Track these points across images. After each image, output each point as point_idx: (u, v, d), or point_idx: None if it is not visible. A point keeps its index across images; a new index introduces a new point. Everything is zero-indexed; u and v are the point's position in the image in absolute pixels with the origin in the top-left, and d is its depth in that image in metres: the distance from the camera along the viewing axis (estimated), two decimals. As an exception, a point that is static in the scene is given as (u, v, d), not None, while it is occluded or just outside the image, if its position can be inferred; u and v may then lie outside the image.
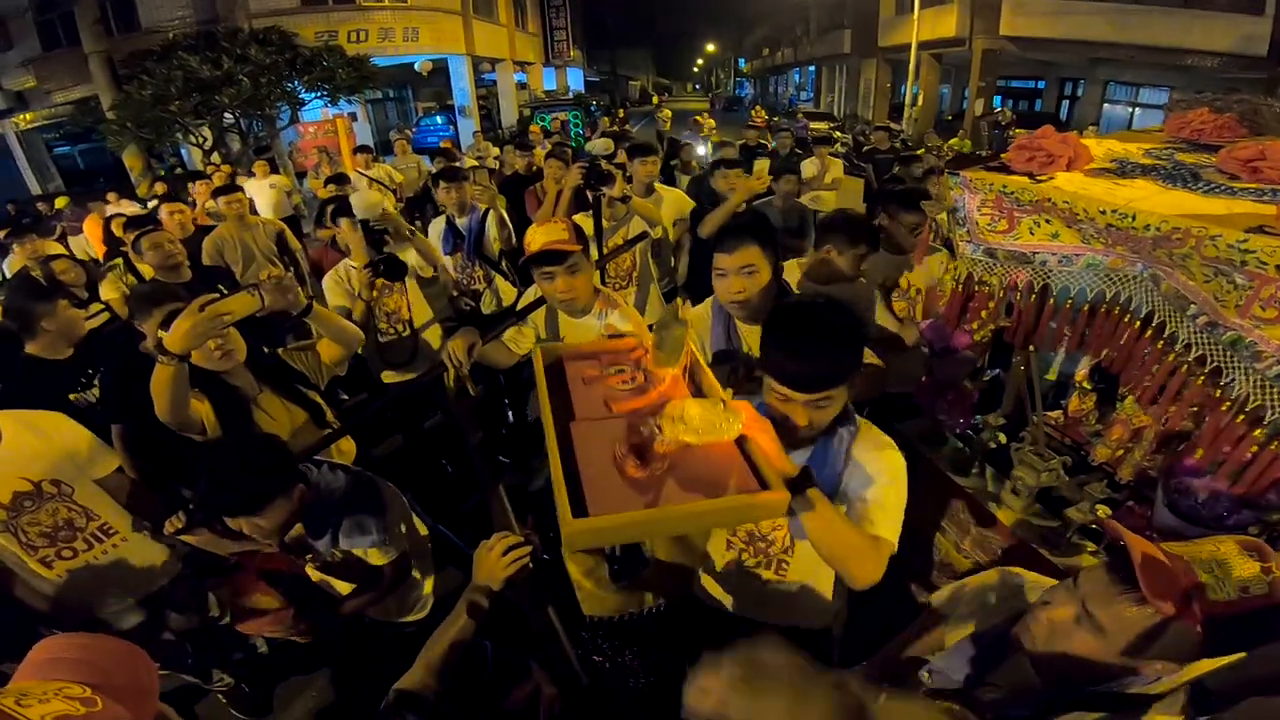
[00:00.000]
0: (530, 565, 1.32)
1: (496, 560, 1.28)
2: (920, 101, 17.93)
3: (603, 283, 3.06)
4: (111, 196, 7.59)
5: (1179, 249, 1.34)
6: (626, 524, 1.06)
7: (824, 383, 1.26)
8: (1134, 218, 1.43)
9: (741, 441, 1.16)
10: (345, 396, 3.70)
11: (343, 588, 1.77)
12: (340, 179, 5.88)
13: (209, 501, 1.51)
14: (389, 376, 3.28)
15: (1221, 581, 0.83)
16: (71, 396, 2.46)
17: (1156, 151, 1.95)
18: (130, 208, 6.98)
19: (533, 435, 2.90)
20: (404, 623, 2.00)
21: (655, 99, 40.60)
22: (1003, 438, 2.32)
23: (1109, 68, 14.87)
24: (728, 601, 1.77)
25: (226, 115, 10.64)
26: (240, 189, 4.68)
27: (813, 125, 16.42)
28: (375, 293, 3.04)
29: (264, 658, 2.53)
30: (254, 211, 6.32)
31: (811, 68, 33.41)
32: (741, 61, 51.61)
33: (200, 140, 10.90)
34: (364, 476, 1.76)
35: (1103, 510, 1.92)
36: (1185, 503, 1.56)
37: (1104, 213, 1.50)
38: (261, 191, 7.14)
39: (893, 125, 15.06)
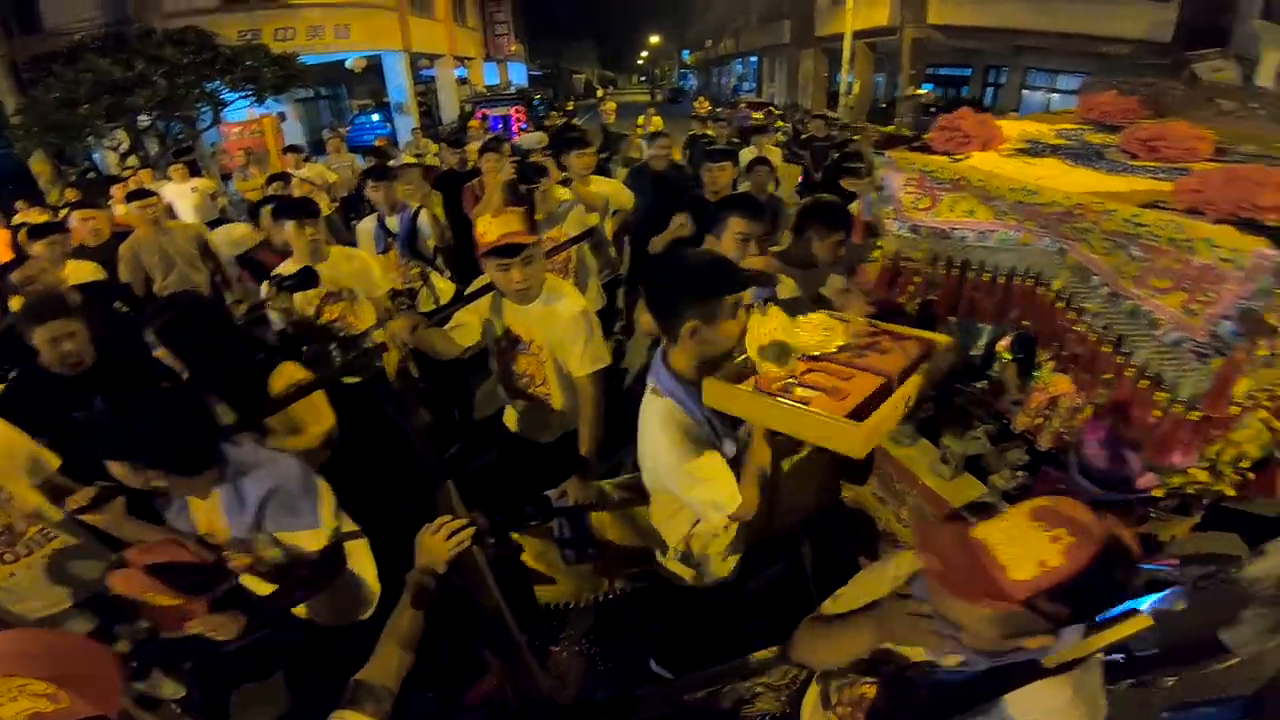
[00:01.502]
0: (473, 546, 1.34)
1: (439, 542, 1.29)
2: (856, 90, 18.37)
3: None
4: (20, 204, 7.08)
5: (1081, 224, 1.40)
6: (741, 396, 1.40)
7: None
8: (1039, 195, 1.48)
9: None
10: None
11: (262, 587, 1.70)
12: (282, 178, 5.62)
13: (106, 434, 1.47)
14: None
15: (1020, 561, 0.84)
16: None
17: (1068, 132, 2.04)
18: (39, 215, 6.52)
19: (483, 433, 2.86)
20: (358, 624, 1.94)
21: (600, 92, 40.41)
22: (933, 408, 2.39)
23: (1031, 55, 15.55)
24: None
25: (142, 117, 10.06)
26: (153, 193, 4.41)
27: (754, 115, 16.61)
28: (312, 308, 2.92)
29: (220, 665, 2.44)
30: (175, 216, 6.06)
31: (753, 58, 33.79)
32: (685, 53, 51.81)
33: (115, 144, 10.27)
34: (293, 459, 1.70)
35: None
36: (1096, 468, 1.64)
37: (1014, 190, 1.56)
38: (183, 195, 6.78)
39: (830, 113, 15.38)
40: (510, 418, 2.54)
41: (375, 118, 16.68)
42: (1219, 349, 1.14)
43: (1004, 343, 2.36)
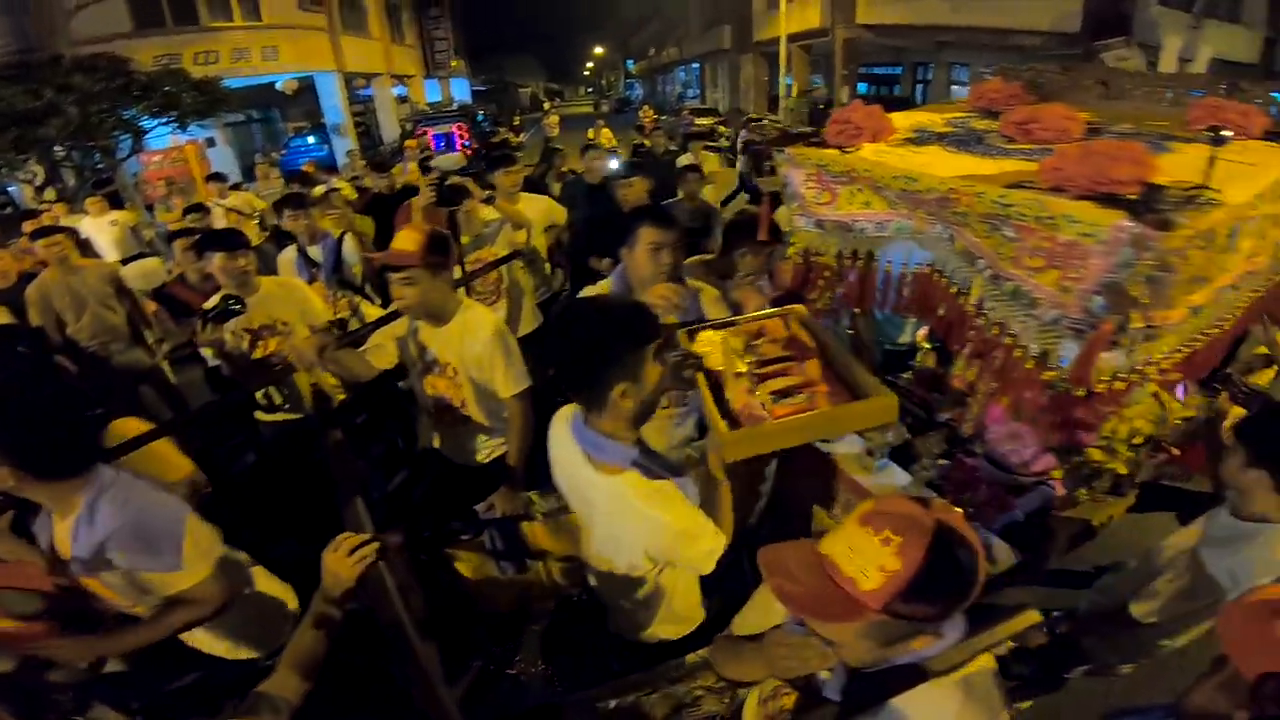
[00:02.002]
0: (379, 563, 1.32)
1: (342, 560, 1.27)
2: (794, 93, 18.77)
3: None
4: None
5: (958, 208, 1.42)
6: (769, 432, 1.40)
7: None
8: (919, 181, 1.50)
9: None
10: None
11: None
12: (198, 209, 5.38)
13: None
14: (263, 416, 3.05)
15: (865, 570, 0.83)
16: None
17: (956, 120, 2.08)
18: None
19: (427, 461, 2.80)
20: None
21: (547, 104, 40.32)
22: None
23: (952, 51, 16.14)
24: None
25: (57, 148, 9.55)
26: (59, 230, 4.17)
27: (697, 121, 16.81)
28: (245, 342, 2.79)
29: (164, 702, 2.29)
30: (93, 253, 5.74)
31: (696, 65, 34.25)
32: (630, 62, 52.18)
33: (29, 176, 9.72)
34: (167, 500, 1.63)
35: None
36: (996, 451, 1.66)
37: (897, 179, 1.58)
38: (102, 230, 6.44)
39: (769, 117, 15.68)
40: (436, 440, 2.48)
41: (311, 140, 16.21)
42: (1093, 324, 1.15)
43: (922, 332, 2.39)
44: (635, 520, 1.33)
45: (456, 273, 3.39)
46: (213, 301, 2.70)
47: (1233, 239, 1.17)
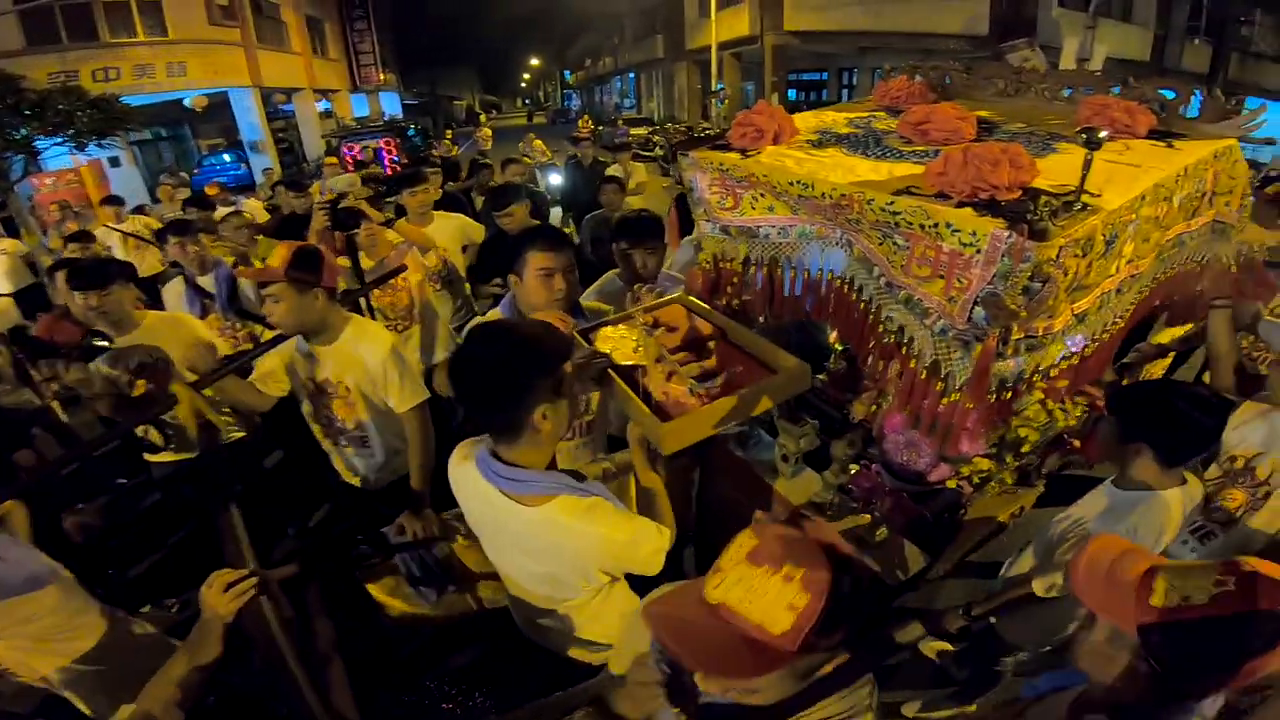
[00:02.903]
0: (259, 596, 1.31)
1: (218, 597, 1.26)
2: (726, 100, 19.06)
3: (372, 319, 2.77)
4: None
5: (851, 215, 1.36)
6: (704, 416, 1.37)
7: None
8: (813, 187, 1.43)
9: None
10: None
11: None
12: (82, 237, 4.94)
13: None
14: (150, 458, 2.83)
15: (772, 613, 0.77)
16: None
17: (859, 120, 2.04)
18: None
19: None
20: None
21: (484, 117, 39.78)
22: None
23: (874, 55, 16.72)
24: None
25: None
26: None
27: (632, 131, 16.82)
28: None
29: None
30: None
31: (631, 75, 34.42)
32: (567, 73, 52.09)
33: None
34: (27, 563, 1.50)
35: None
36: (894, 459, 1.61)
37: (793, 184, 1.51)
38: (-11, 260, 5.86)
39: (702, 123, 15.83)
40: (339, 465, 2.36)
41: (228, 158, 15.40)
42: (978, 336, 1.10)
43: (835, 334, 2.35)
44: (578, 542, 1.28)
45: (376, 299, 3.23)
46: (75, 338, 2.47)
47: (1112, 244, 1.14)
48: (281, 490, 3.13)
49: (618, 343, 1.63)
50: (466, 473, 1.35)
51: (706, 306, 1.79)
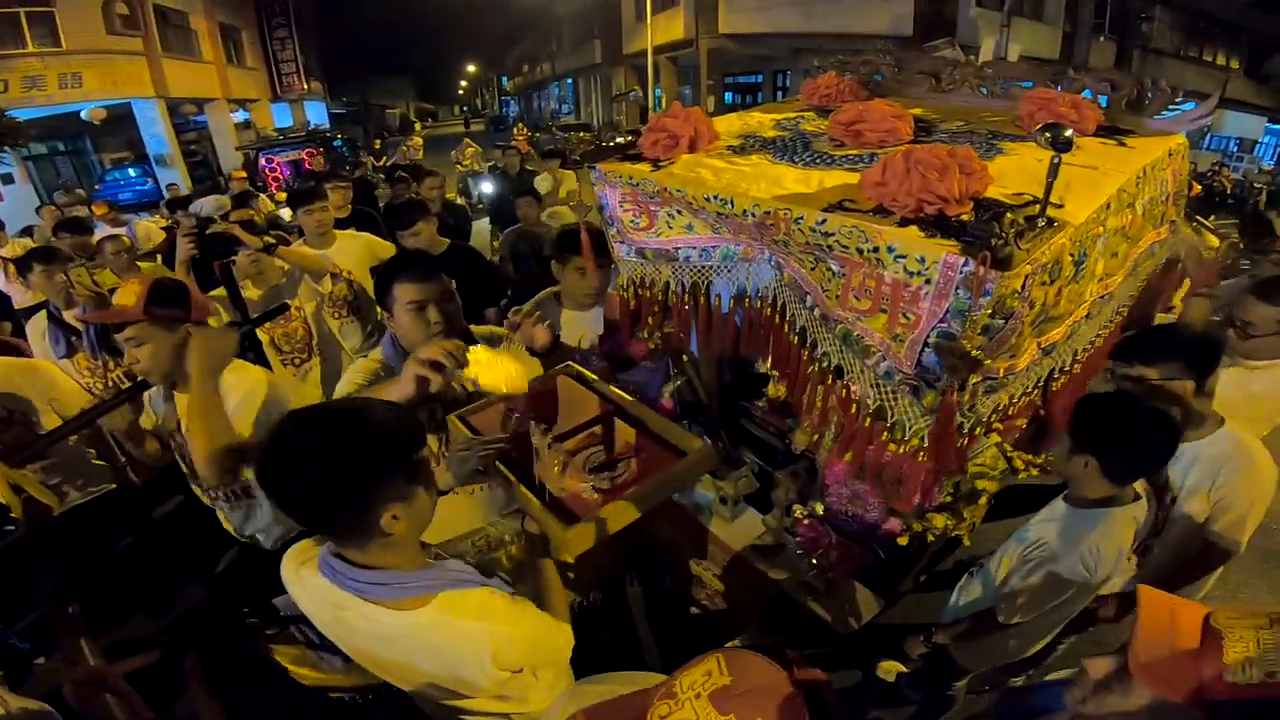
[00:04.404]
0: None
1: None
2: (663, 105, 19.02)
3: (250, 358, 2.42)
4: None
5: (778, 235, 1.13)
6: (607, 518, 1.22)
7: None
8: (732, 203, 1.20)
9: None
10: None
11: None
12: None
13: None
14: None
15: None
16: None
17: (786, 121, 1.84)
18: None
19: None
20: None
21: (417, 126, 38.68)
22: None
23: (807, 57, 16.93)
24: None
25: None
26: None
27: (572, 136, 16.50)
28: None
29: None
30: None
31: (570, 80, 34.04)
32: (505, 80, 51.23)
33: None
34: None
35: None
36: (838, 512, 1.41)
37: (709, 199, 1.28)
38: None
39: (641, 128, 15.65)
40: (223, 518, 2.05)
41: (133, 173, 14.25)
42: (929, 381, 0.89)
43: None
44: (471, 644, 1.07)
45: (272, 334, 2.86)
46: None
47: (1082, 265, 0.95)
48: (177, 540, 2.77)
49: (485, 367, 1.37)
50: (306, 578, 1.10)
51: (595, 377, 1.62)
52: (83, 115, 13.41)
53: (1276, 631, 0.68)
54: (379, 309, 1.68)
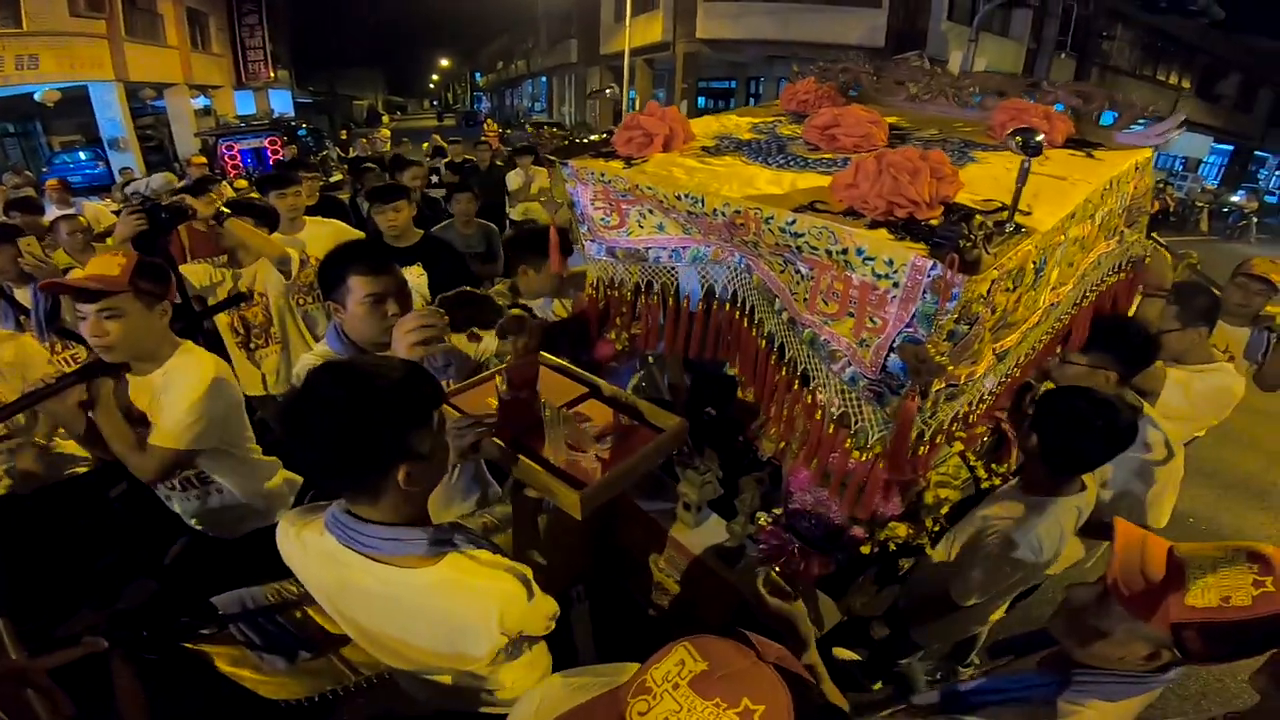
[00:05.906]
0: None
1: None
2: (637, 106, 19.02)
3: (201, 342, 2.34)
4: None
5: (748, 235, 1.11)
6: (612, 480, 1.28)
7: None
8: (703, 202, 1.18)
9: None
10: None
11: None
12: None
13: None
14: None
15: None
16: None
17: (763, 125, 1.83)
18: None
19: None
20: None
21: (386, 118, 37.99)
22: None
23: (781, 65, 17.14)
24: None
25: None
26: None
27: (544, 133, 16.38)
28: None
29: None
30: None
31: (544, 78, 33.84)
32: (478, 75, 50.69)
33: None
34: None
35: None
36: (802, 521, 1.40)
37: (680, 198, 1.25)
38: None
39: (614, 129, 15.62)
40: (181, 511, 1.98)
41: (83, 156, 13.63)
42: (892, 387, 0.88)
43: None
44: (481, 601, 1.08)
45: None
46: None
47: (1041, 273, 0.96)
48: (129, 527, 2.66)
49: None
50: (310, 543, 1.10)
51: (568, 363, 1.66)
52: (36, 97, 12.85)
53: (1230, 562, 0.79)
54: (329, 302, 1.60)
